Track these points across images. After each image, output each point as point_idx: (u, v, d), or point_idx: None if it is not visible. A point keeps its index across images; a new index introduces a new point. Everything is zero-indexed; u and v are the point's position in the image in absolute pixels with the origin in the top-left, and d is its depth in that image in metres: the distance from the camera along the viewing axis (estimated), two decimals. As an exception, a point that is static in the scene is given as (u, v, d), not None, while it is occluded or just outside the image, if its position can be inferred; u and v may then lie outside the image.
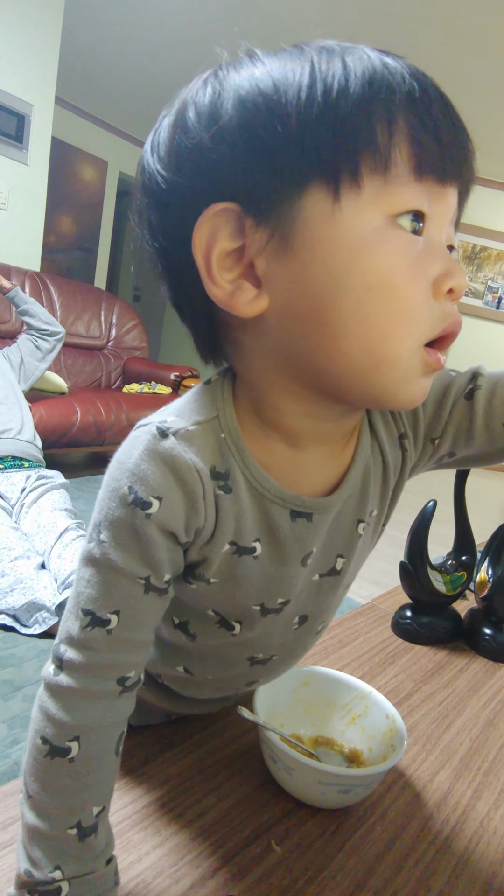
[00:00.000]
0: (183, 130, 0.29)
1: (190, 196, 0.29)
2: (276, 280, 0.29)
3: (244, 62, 0.29)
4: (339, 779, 0.42)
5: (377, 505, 0.40)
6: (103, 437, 2.59)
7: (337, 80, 0.26)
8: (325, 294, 0.28)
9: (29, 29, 2.80)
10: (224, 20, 2.99)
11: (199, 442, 0.33)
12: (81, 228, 4.84)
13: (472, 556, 0.82)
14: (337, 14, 2.74)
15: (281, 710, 0.50)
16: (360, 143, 0.26)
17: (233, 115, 0.27)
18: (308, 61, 0.27)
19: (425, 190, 0.28)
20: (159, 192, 0.30)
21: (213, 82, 0.29)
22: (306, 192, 0.27)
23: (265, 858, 0.41)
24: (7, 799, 0.42)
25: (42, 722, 0.33)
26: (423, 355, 0.29)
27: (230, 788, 0.46)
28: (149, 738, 0.51)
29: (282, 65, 0.27)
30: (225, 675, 0.44)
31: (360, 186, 0.27)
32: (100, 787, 0.34)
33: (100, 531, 0.32)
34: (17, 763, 0.94)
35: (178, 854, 0.40)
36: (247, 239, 0.28)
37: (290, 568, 0.37)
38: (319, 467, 0.36)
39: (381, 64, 0.27)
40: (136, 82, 3.96)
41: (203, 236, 0.28)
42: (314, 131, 0.26)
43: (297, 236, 0.27)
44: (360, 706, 0.51)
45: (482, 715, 0.62)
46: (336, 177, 0.26)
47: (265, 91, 0.27)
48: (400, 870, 0.41)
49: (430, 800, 0.49)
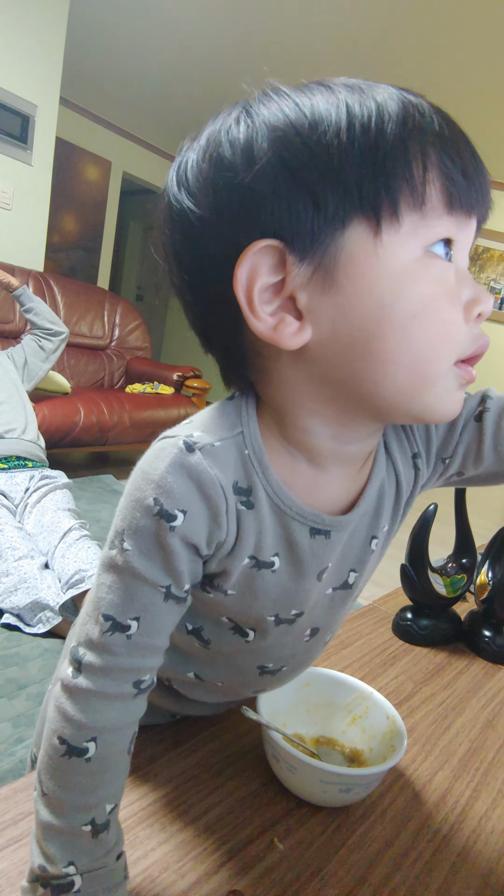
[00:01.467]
0: (218, 168, 0.30)
1: (228, 233, 0.30)
2: (320, 312, 0.30)
3: (271, 98, 0.30)
4: (340, 778, 0.43)
5: (389, 521, 0.41)
6: (106, 437, 2.60)
7: (374, 120, 0.27)
8: (370, 323, 0.29)
9: (33, 30, 2.81)
10: (226, 23, 2.99)
11: (224, 457, 0.33)
12: (85, 228, 4.85)
13: (473, 559, 0.83)
14: (338, 18, 2.74)
15: (283, 711, 0.51)
16: (400, 182, 0.28)
17: (271, 154, 0.28)
18: (342, 101, 0.28)
19: (455, 221, 0.30)
20: (192, 229, 0.31)
21: (246, 119, 0.30)
22: (349, 228, 0.28)
23: (268, 855, 0.42)
24: (17, 795, 0.44)
25: (60, 722, 0.34)
26: (458, 371, 0.31)
27: (234, 786, 0.48)
28: (155, 738, 0.52)
29: (313, 102, 0.28)
30: (234, 682, 0.45)
31: (399, 222, 0.28)
32: (113, 786, 0.35)
33: (123, 539, 0.33)
34: (21, 761, 0.96)
35: (184, 850, 0.41)
36: (288, 273, 0.29)
37: (306, 582, 0.38)
38: (338, 486, 0.37)
39: (410, 103, 0.28)
40: (140, 83, 3.96)
41: (245, 272, 0.29)
42: (355, 170, 0.27)
43: (340, 270, 0.29)
44: (360, 707, 0.52)
45: (481, 716, 0.63)
46: (377, 213, 0.28)
47: (302, 130, 0.28)
48: (399, 867, 0.42)
49: (429, 799, 0.50)
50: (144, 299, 6.59)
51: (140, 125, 4.75)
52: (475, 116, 3.49)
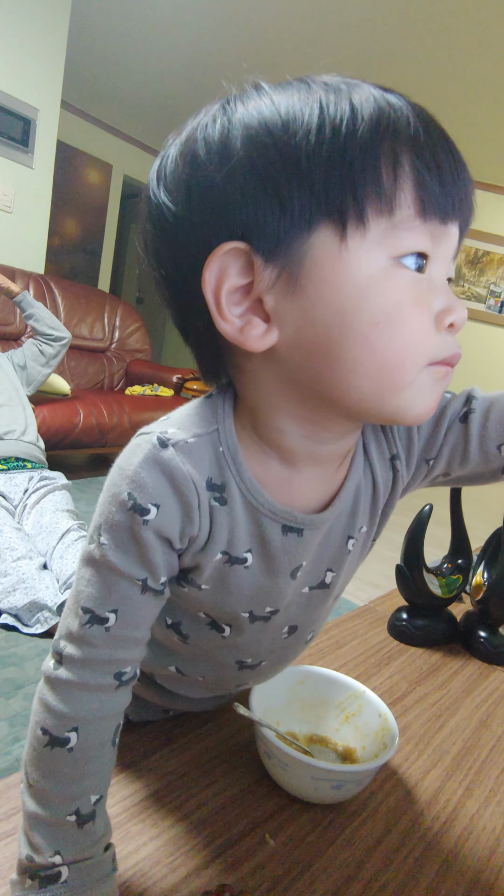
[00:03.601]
0: (193, 166, 0.29)
1: (200, 232, 0.30)
2: (286, 316, 0.30)
3: (251, 95, 0.30)
4: (331, 774, 0.43)
5: (367, 522, 0.41)
6: (106, 438, 2.61)
7: (346, 122, 0.27)
8: (333, 330, 0.29)
9: (35, 34, 2.83)
10: (228, 27, 3.01)
11: (198, 454, 0.34)
12: (86, 231, 4.87)
13: (468, 560, 0.83)
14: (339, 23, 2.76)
15: (277, 708, 0.51)
16: (367, 187, 0.27)
17: (242, 155, 0.28)
18: (316, 101, 0.27)
19: (429, 230, 0.29)
20: (167, 225, 0.31)
21: (222, 118, 0.29)
22: (314, 232, 0.28)
23: (259, 850, 0.42)
24: (9, 791, 0.44)
25: (42, 713, 0.34)
26: (431, 370, 0.31)
27: (226, 783, 0.48)
28: (148, 734, 0.52)
29: (290, 102, 0.28)
30: (215, 677, 0.46)
31: (366, 228, 0.27)
32: (97, 776, 0.35)
33: (100, 533, 0.34)
34: (17, 760, 0.96)
35: (175, 845, 0.41)
36: (255, 276, 0.29)
37: (279, 579, 0.38)
38: (313, 486, 0.37)
39: (387, 104, 0.27)
40: (141, 87, 3.98)
41: (213, 274, 0.29)
42: (323, 173, 0.27)
43: (305, 275, 0.28)
44: (353, 705, 0.52)
45: (475, 716, 0.64)
46: (343, 218, 0.27)
47: (274, 130, 0.27)
48: (390, 863, 0.43)
49: (421, 797, 0.50)
50: (145, 302, 6.60)
51: (141, 129, 4.77)
52: (469, 119, 3.51)
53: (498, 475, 0.40)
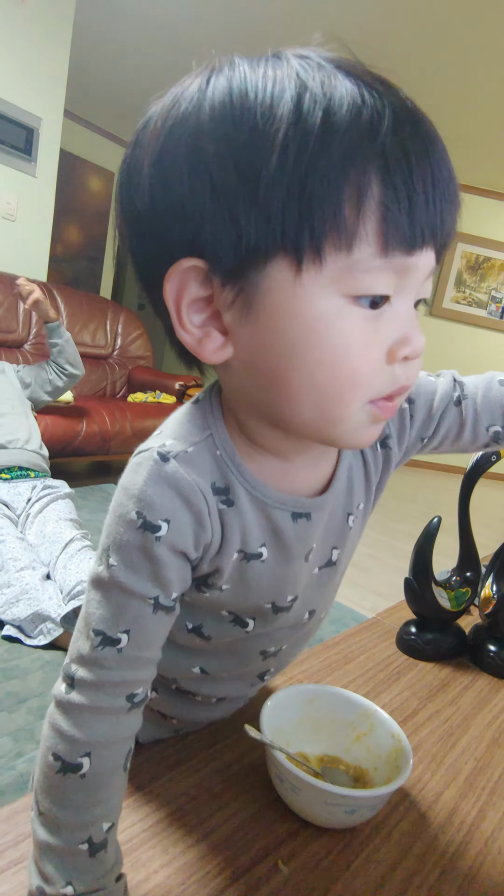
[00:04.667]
0: (161, 172, 0.28)
1: (163, 240, 0.29)
2: (240, 336, 0.30)
3: (221, 86, 0.27)
4: (344, 799, 0.42)
5: (363, 499, 0.43)
6: (108, 446, 2.60)
7: (312, 143, 0.24)
8: (281, 360, 0.29)
9: (38, 44, 2.84)
10: (230, 34, 3.03)
11: (199, 461, 0.34)
12: (88, 238, 4.89)
13: (477, 573, 0.83)
14: (342, 30, 2.78)
15: (287, 728, 0.50)
16: (327, 223, 0.25)
17: (203, 171, 0.26)
18: (287, 109, 0.25)
19: (392, 266, 0.27)
20: (136, 223, 0.31)
21: (190, 122, 0.27)
22: (270, 262, 0.27)
23: (272, 878, 0.41)
24: (17, 816, 0.43)
25: (54, 739, 0.34)
26: (370, 408, 0.30)
27: (237, 807, 0.47)
28: (156, 756, 0.51)
29: (256, 108, 0.25)
30: (239, 671, 0.46)
31: (322, 264, 0.26)
32: (109, 803, 0.35)
33: (108, 555, 0.33)
34: (22, 774, 0.95)
35: (187, 873, 0.41)
36: (214, 293, 0.29)
37: (294, 565, 0.40)
38: (308, 471, 0.39)
39: (366, 114, 0.25)
40: (143, 95, 3.99)
41: (174, 286, 0.29)
42: (281, 204, 0.25)
43: (259, 302, 0.28)
44: (364, 724, 0.51)
45: (487, 733, 0.63)
46: (299, 254, 0.26)
47: (236, 148, 0.26)
48: (405, 890, 0.42)
49: (434, 820, 0.49)
50: (146, 308, 6.60)
51: (143, 137, 4.79)
52: (469, 124, 3.52)
53: (480, 448, 0.45)
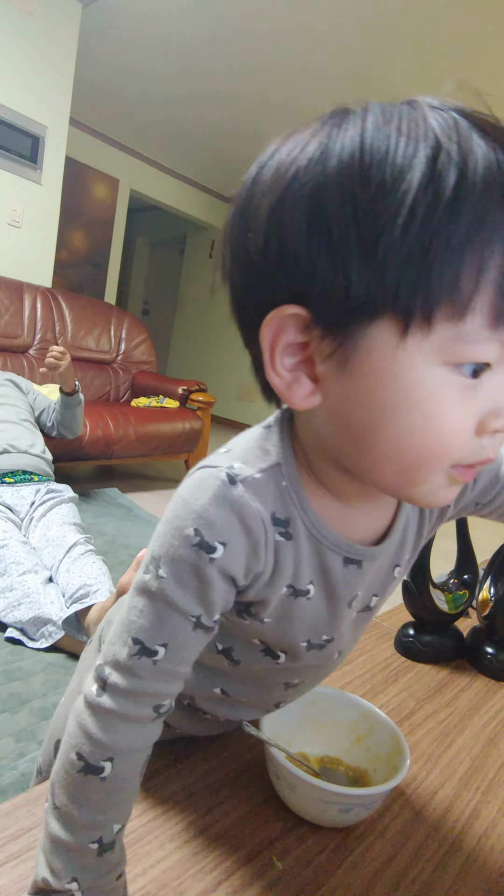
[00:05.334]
0: (279, 218, 0.28)
1: (268, 283, 0.29)
2: (331, 388, 0.30)
3: (347, 136, 0.26)
4: (339, 797, 0.43)
5: (410, 550, 0.43)
6: (112, 450, 2.62)
7: (438, 215, 0.24)
8: (369, 420, 0.29)
9: (45, 54, 2.88)
10: (233, 41, 3.06)
11: (263, 489, 0.34)
12: (93, 244, 4.93)
13: (474, 575, 0.83)
14: (343, 43, 2.80)
15: (288, 728, 0.51)
16: (442, 292, 0.25)
17: (324, 225, 0.26)
18: (415, 179, 0.24)
19: (499, 338, 0.27)
20: (245, 263, 0.30)
21: (317, 168, 0.27)
22: (376, 321, 0.27)
23: (266, 873, 0.42)
24: (17, 811, 0.44)
25: (79, 738, 0.34)
26: (450, 472, 0.30)
27: (233, 804, 0.48)
28: (154, 754, 0.51)
29: (386, 167, 0.25)
30: (259, 698, 0.46)
31: (429, 331, 0.26)
32: (123, 806, 0.35)
33: (159, 565, 0.33)
34: (23, 774, 0.95)
35: (182, 868, 0.41)
36: (311, 342, 0.29)
37: (338, 609, 0.39)
38: (367, 519, 0.38)
39: (499, 187, 0.24)
40: (148, 103, 4.05)
41: (271, 329, 0.29)
42: (399, 269, 0.25)
43: (357, 359, 0.28)
44: (364, 726, 0.52)
45: (483, 734, 0.63)
46: (408, 319, 0.26)
47: (360, 206, 0.25)
48: (398, 886, 0.42)
49: (429, 818, 0.50)
50: (150, 314, 6.65)
51: (147, 144, 4.84)
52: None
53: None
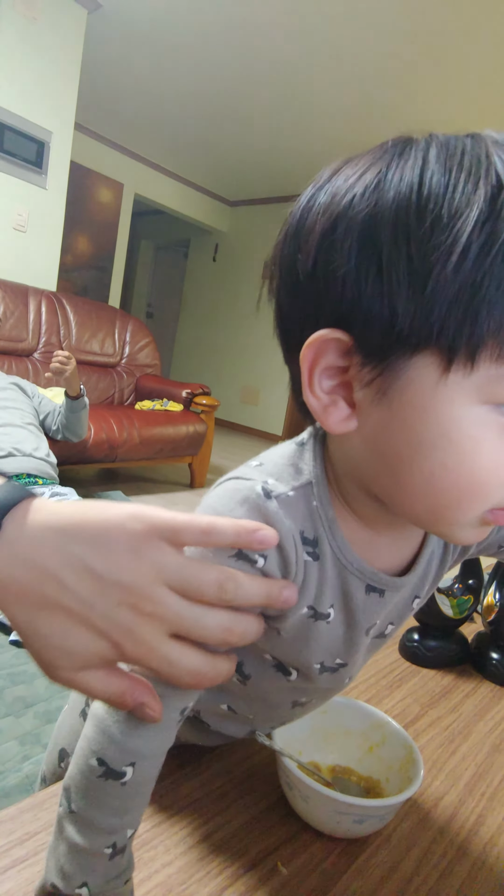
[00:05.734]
0: (327, 237, 0.28)
1: (313, 305, 0.29)
2: (368, 416, 0.29)
3: (407, 164, 0.26)
4: (353, 809, 0.42)
5: (431, 583, 0.42)
6: (116, 453, 2.63)
7: (493, 255, 0.24)
8: (405, 453, 0.28)
9: (50, 60, 2.91)
10: (236, 47, 3.08)
11: (295, 508, 0.34)
12: (97, 248, 4.95)
13: (479, 580, 0.83)
14: (343, 51, 2.81)
15: (299, 737, 0.51)
16: (490, 332, 0.25)
17: (374, 255, 0.26)
18: (472, 217, 0.24)
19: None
20: (292, 283, 0.30)
21: (373, 193, 0.26)
22: (418, 354, 0.26)
23: (271, 879, 0.42)
24: (23, 815, 0.44)
25: (102, 742, 0.33)
26: (484, 514, 0.29)
27: (238, 810, 0.48)
28: (159, 758, 0.52)
29: (444, 202, 0.24)
30: (266, 716, 0.46)
31: (472, 370, 0.26)
32: (138, 811, 0.35)
33: None
34: (28, 776, 0.96)
35: (188, 873, 0.41)
36: (351, 368, 0.29)
37: (355, 635, 0.39)
38: (393, 549, 0.38)
39: None
40: (153, 108, 4.07)
41: (312, 351, 0.29)
42: (446, 302, 0.25)
43: (396, 390, 0.27)
44: (377, 735, 0.51)
45: (488, 740, 0.63)
46: (452, 356, 0.25)
47: (414, 239, 0.25)
48: (403, 893, 0.42)
49: (434, 825, 0.50)
50: (154, 317, 6.67)
51: (152, 149, 4.86)
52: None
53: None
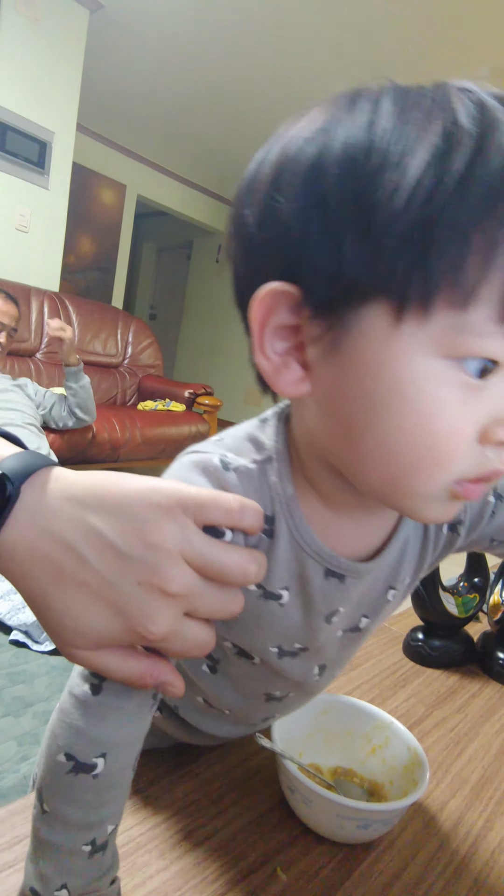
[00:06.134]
0: (277, 187, 0.26)
1: (263, 259, 0.27)
2: (321, 375, 0.27)
3: (356, 111, 0.24)
4: (357, 813, 0.41)
5: (410, 574, 0.39)
6: (118, 453, 2.62)
7: (445, 191, 0.21)
8: (357, 414, 0.26)
9: (52, 60, 2.91)
10: (239, 47, 3.07)
11: (253, 481, 0.32)
12: (100, 249, 4.95)
13: (485, 579, 0.81)
14: (344, 47, 2.80)
15: (300, 739, 0.49)
16: (444, 274, 0.22)
17: (320, 194, 0.24)
18: (425, 150, 0.22)
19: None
20: (242, 239, 0.29)
21: (319, 136, 0.25)
22: (368, 303, 0.24)
23: (270, 885, 0.40)
24: (13, 818, 0.43)
25: (69, 738, 0.31)
26: (452, 487, 0.26)
27: (236, 812, 0.46)
28: (155, 760, 0.50)
29: (393, 137, 0.23)
30: (242, 709, 0.44)
31: (427, 319, 0.23)
32: (116, 804, 0.34)
33: None
34: (25, 777, 0.94)
35: (183, 878, 0.40)
36: (302, 324, 0.27)
37: (313, 621, 0.37)
38: (358, 531, 0.36)
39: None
40: (155, 109, 4.07)
41: (261, 308, 0.27)
42: (395, 242, 0.22)
43: (347, 344, 0.25)
44: (380, 736, 0.50)
45: (495, 742, 0.61)
46: (404, 302, 0.23)
47: (362, 176, 0.23)
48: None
49: (440, 829, 0.48)
50: (157, 318, 6.67)
51: (154, 150, 4.86)
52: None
53: None
